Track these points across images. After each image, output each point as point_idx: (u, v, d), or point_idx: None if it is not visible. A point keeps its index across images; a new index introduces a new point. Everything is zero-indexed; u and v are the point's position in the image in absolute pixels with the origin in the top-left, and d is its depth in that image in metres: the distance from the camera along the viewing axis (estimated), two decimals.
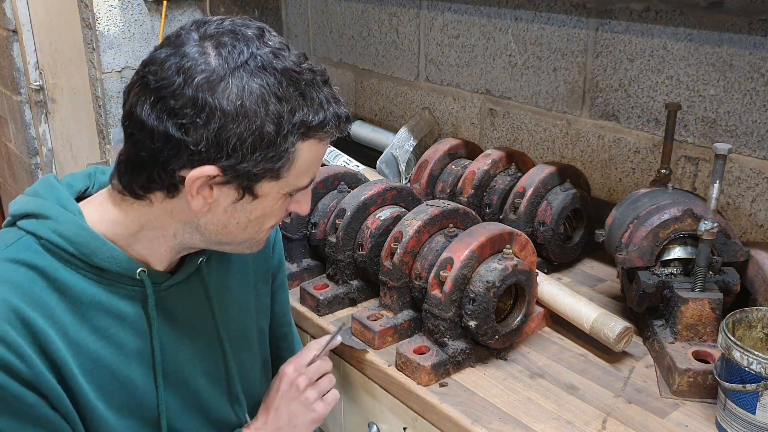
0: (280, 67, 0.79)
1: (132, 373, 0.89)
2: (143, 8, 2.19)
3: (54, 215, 0.85)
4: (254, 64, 0.78)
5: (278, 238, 1.13)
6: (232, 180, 0.81)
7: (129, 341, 0.89)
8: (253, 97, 0.77)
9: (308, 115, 0.81)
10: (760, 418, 0.93)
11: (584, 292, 1.36)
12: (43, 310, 0.82)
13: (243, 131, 0.78)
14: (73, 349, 0.84)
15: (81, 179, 0.95)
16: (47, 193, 0.88)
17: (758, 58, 1.30)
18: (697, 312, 1.10)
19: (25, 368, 0.79)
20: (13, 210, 0.88)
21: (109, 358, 0.87)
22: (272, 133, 0.79)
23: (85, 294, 0.85)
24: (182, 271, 0.93)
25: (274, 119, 0.78)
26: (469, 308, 1.10)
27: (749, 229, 1.37)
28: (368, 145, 2.04)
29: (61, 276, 0.83)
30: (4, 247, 0.84)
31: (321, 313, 1.30)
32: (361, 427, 1.26)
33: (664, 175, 1.37)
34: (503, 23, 1.72)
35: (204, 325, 0.97)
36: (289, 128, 0.80)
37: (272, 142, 0.79)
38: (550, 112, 1.68)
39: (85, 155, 2.67)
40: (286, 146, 0.80)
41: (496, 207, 1.47)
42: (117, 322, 0.88)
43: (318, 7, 2.30)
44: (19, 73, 2.91)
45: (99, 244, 0.85)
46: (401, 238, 1.20)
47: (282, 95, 0.79)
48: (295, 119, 0.80)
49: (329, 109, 0.83)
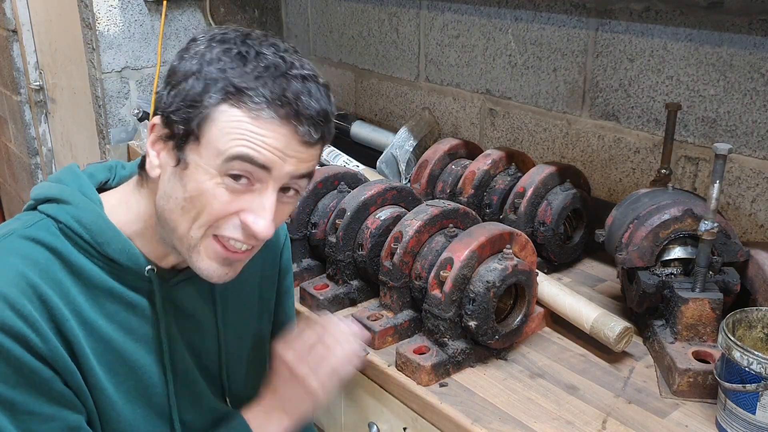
0: (240, 41, 0.81)
1: (141, 359, 0.91)
2: (143, 8, 2.19)
3: (74, 201, 0.87)
4: (221, 37, 0.82)
5: (287, 244, 1.13)
6: (169, 138, 0.82)
7: (139, 327, 0.90)
8: (200, 57, 0.81)
9: (239, 78, 0.79)
10: (760, 419, 0.93)
11: (584, 292, 1.35)
12: (59, 288, 0.83)
13: (179, 83, 0.81)
14: (87, 329, 0.85)
15: (102, 170, 0.97)
16: (70, 180, 0.90)
17: (758, 58, 1.30)
18: (697, 312, 1.10)
19: (41, 343, 0.80)
20: (34, 194, 0.89)
21: (119, 341, 0.88)
22: (199, 88, 0.80)
23: (98, 279, 0.86)
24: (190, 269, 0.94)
25: (204, 75, 0.80)
26: (469, 308, 1.10)
27: (749, 229, 1.37)
28: (368, 145, 2.04)
29: (75, 260, 0.85)
30: (25, 227, 0.85)
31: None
32: (361, 427, 1.26)
33: (665, 175, 1.37)
34: (503, 23, 1.72)
35: (206, 322, 0.99)
36: (212, 83, 0.79)
37: (195, 94, 0.80)
38: (550, 112, 1.68)
39: (84, 155, 2.67)
40: (206, 101, 0.79)
41: (496, 207, 1.47)
42: (128, 309, 0.89)
43: (318, 7, 2.30)
44: (19, 73, 2.91)
45: (114, 234, 0.87)
46: (401, 238, 1.20)
47: (223, 58, 0.80)
48: (221, 76, 0.79)
49: (272, 85, 0.79)
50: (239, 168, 0.80)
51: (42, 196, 0.89)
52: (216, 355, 1.01)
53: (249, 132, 0.79)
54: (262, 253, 1.06)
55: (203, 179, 0.81)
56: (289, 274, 1.15)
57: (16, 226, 0.86)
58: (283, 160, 0.81)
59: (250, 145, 0.79)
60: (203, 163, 0.81)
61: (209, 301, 0.99)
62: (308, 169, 0.85)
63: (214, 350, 1.00)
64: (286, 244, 1.13)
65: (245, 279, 1.04)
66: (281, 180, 0.83)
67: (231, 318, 1.02)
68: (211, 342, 1.00)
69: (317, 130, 0.82)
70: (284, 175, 0.82)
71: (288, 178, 0.83)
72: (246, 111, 0.79)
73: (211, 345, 1.00)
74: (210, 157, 0.80)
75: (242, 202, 0.82)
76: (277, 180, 0.83)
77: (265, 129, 0.80)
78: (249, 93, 0.79)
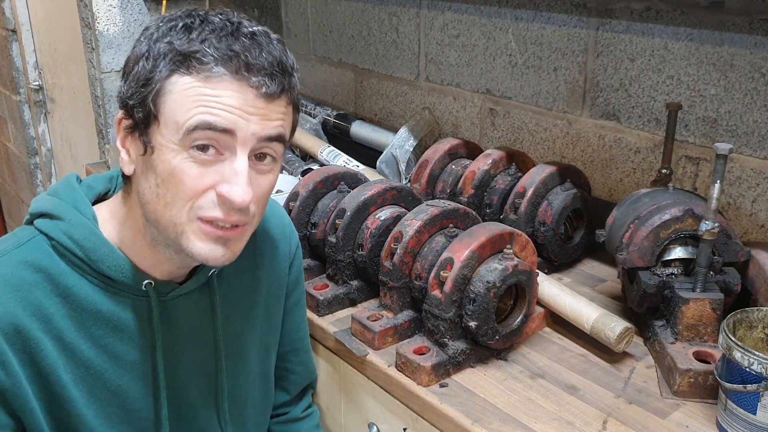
0: (186, 14, 0.80)
1: (125, 385, 0.89)
2: (143, 8, 2.18)
3: (67, 217, 0.85)
4: (169, 17, 0.81)
5: (298, 254, 1.11)
6: (134, 128, 0.81)
7: (125, 353, 0.88)
8: (148, 39, 0.80)
9: (186, 45, 0.77)
10: (761, 419, 0.92)
11: (585, 292, 1.35)
12: (41, 315, 0.82)
13: (132, 69, 0.80)
14: (67, 355, 0.84)
15: (102, 181, 0.95)
16: (65, 193, 0.88)
17: (759, 57, 1.29)
18: (697, 312, 1.10)
19: (5, 377, 0.80)
20: (32, 208, 0.89)
21: (102, 366, 0.87)
22: (149, 67, 0.78)
23: (88, 301, 0.85)
24: (191, 282, 0.93)
25: (153, 53, 0.78)
26: (469, 308, 1.10)
27: (750, 229, 1.37)
28: (368, 145, 2.03)
29: (66, 280, 0.84)
30: (17, 246, 0.84)
31: (321, 313, 1.30)
32: (361, 427, 1.26)
33: (665, 175, 1.37)
34: (503, 23, 1.72)
35: (203, 337, 0.96)
36: (159, 55, 0.78)
37: (146, 73, 0.78)
38: (551, 112, 1.68)
39: (84, 155, 2.67)
40: (156, 76, 0.77)
41: (496, 207, 1.47)
42: (115, 333, 0.87)
43: (318, 6, 2.30)
44: (19, 73, 2.91)
45: (107, 250, 0.85)
46: (401, 238, 1.20)
47: (170, 33, 0.79)
48: (168, 48, 0.78)
49: (218, 43, 0.77)
50: (202, 137, 0.77)
51: (37, 210, 0.87)
52: (214, 373, 0.98)
53: (203, 96, 0.76)
54: (269, 263, 1.05)
55: (170, 158, 0.78)
56: (300, 285, 1.13)
57: (9, 245, 0.85)
58: (245, 119, 0.78)
59: (207, 110, 0.76)
60: (166, 141, 0.78)
61: (208, 314, 0.96)
62: (276, 129, 0.81)
63: (212, 368, 0.98)
64: (297, 254, 1.11)
65: (249, 292, 1.02)
66: (249, 142, 0.79)
67: (232, 332, 1.00)
68: (209, 359, 0.97)
69: (273, 80, 0.79)
70: (250, 136, 0.79)
71: (256, 140, 0.79)
72: (195, 75, 0.77)
73: (208, 363, 0.97)
74: (171, 133, 0.78)
75: (213, 174, 0.79)
76: (245, 143, 0.79)
77: (218, 88, 0.76)
78: (196, 55, 0.76)
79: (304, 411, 1.23)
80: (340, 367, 1.26)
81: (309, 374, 1.21)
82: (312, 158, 1.96)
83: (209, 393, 0.99)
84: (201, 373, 0.97)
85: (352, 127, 2.08)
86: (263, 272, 1.04)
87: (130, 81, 0.80)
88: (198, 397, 0.97)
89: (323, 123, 2.14)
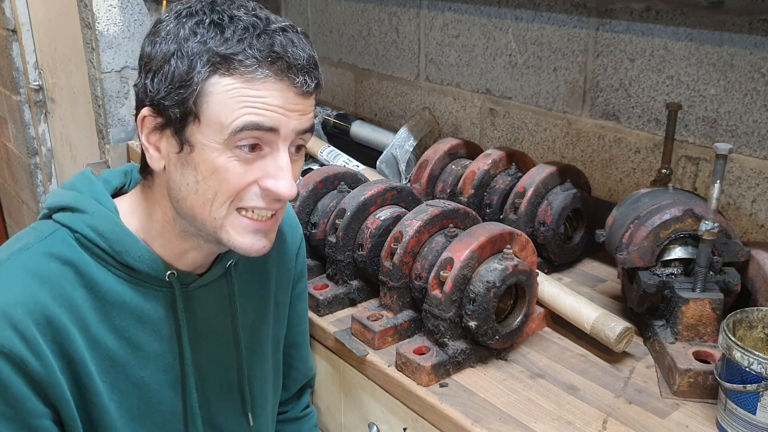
0: (209, 9, 0.80)
1: (147, 376, 0.89)
2: (143, 8, 2.19)
3: (90, 210, 0.85)
4: (187, 11, 0.80)
5: (303, 246, 1.12)
6: (166, 125, 0.81)
7: (148, 344, 0.89)
8: (174, 36, 0.79)
9: (222, 46, 0.77)
10: (761, 419, 0.92)
11: (585, 292, 1.35)
12: (69, 305, 0.82)
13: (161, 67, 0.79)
14: (92, 345, 0.84)
15: (118, 176, 0.95)
16: (84, 187, 0.89)
17: (759, 57, 1.29)
18: (697, 312, 1.10)
19: (41, 367, 0.79)
20: (49, 203, 0.88)
21: (124, 358, 0.87)
22: (184, 67, 0.78)
23: (112, 292, 0.85)
24: (211, 273, 0.94)
25: (185, 52, 0.78)
26: (469, 308, 1.10)
27: (750, 229, 1.37)
28: (368, 145, 2.03)
29: (90, 272, 0.84)
30: (40, 239, 0.84)
31: (321, 313, 1.30)
32: (361, 427, 1.26)
33: (665, 175, 1.37)
34: (503, 23, 1.72)
35: (223, 329, 0.97)
36: (196, 57, 0.77)
37: (182, 74, 0.78)
38: (551, 112, 1.68)
39: (84, 155, 2.67)
40: (195, 78, 0.78)
41: (496, 207, 1.47)
42: (138, 324, 0.88)
43: (318, 6, 2.30)
44: (19, 73, 2.91)
45: (131, 242, 0.86)
46: (401, 238, 1.20)
47: (198, 30, 0.78)
48: (203, 48, 0.77)
49: (258, 43, 0.78)
50: (248, 137, 0.79)
51: (56, 204, 0.87)
52: (235, 364, 0.99)
53: (247, 97, 0.78)
54: (277, 254, 1.05)
55: (213, 157, 0.80)
56: (304, 276, 1.14)
57: (32, 238, 0.84)
58: (287, 117, 0.80)
59: (253, 111, 0.78)
60: (208, 140, 0.79)
61: (227, 305, 0.97)
62: (310, 122, 0.85)
63: (233, 358, 0.99)
64: (302, 246, 1.12)
65: (261, 283, 1.03)
66: (289, 138, 0.82)
67: (248, 324, 1.01)
68: (229, 350, 0.98)
69: (312, 78, 0.81)
70: (291, 132, 0.81)
71: (294, 134, 0.82)
72: (238, 77, 0.78)
73: (228, 353, 0.98)
74: (214, 133, 0.79)
75: (257, 170, 0.81)
76: (286, 138, 0.82)
77: (262, 90, 0.78)
78: (238, 57, 0.77)
79: (303, 410, 1.23)
80: (340, 367, 1.26)
81: (307, 371, 1.22)
82: (312, 158, 1.96)
83: (230, 385, 1.00)
84: (221, 364, 0.98)
85: (352, 127, 2.08)
86: (273, 264, 1.04)
87: (161, 80, 0.79)
88: (219, 388, 0.98)
89: (323, 123, 2.14)
